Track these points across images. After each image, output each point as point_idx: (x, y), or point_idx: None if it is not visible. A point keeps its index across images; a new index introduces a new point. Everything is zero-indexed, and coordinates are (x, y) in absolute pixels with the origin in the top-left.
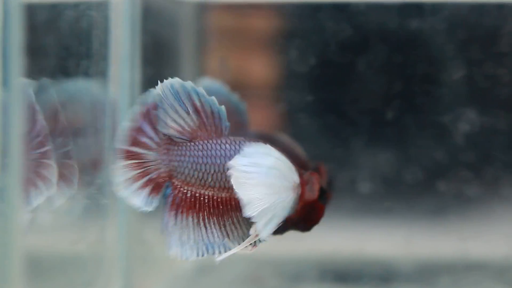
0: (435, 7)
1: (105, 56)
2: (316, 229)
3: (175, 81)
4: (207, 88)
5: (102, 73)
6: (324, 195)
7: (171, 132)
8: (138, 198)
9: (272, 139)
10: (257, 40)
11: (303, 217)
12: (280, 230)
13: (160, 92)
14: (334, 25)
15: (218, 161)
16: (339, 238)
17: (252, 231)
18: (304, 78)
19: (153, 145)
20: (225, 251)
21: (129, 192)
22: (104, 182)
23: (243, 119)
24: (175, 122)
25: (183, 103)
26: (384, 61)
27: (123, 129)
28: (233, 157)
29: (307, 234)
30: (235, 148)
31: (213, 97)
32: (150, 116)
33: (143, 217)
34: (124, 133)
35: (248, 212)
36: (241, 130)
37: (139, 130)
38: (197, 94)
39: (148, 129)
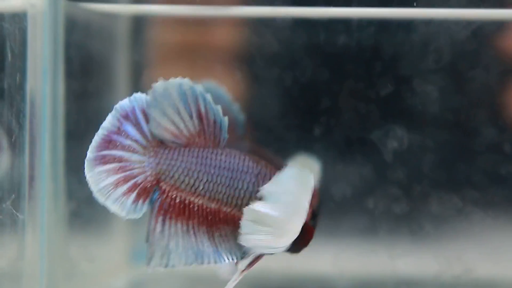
0: (362, 24)
1: (22, 69)
2: None
3: (185, 81)
4: (210, 91)
5: (18, 86)
6: (315, 218)
7: (165, 134)
8: (122, 206)
9: (264, 154)
10: (204, 56)
11: (294, 239)
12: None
13: (162, 91)
14: (259, 39)
15: (212, 171)
16: (268, 255)
17: (240, 266)
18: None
19: (138, 148)
20: (215, 262)
21: (112, 200)
22: (20, 197)
23: (240, 131)
24: (173, 125)
25: (189, 106)
26: (311, 77)
27: (99, 134)
28: (227, 169)
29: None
30: (230, 160)
31: (219, 107)
32: (132, 118)
33: (67, 232)
34: (101, 137)
35: (244, 243)
36: (236, 141)
37: (120, 132)
38: (204, 100)
39: (131, 131)
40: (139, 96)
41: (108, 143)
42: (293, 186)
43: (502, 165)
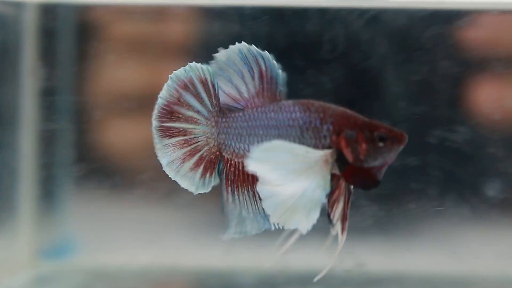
0: (256, 12)
1: None
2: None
3: (242, 45)
4: (244, 50)
5: None
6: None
7: (227, 100)
8: (191, 181)
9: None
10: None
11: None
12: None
13: (225, 60)
14: None
15: (260, 132)
16: None
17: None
18: None
19: (200, 119)
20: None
21: (181, 175)
22: None
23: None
24: (235, 89)
25: (251, 68)
26: None
27: (159, 103)
28: (274, 127)
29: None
30: (278, 117)
31: (275, 63)
32: (191, 88)
33: None
34: (161, 107)
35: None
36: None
37: (182, 103)
38: (263, 58)
39: (192, 101)
40: (194, 65)
41: (170, 114)
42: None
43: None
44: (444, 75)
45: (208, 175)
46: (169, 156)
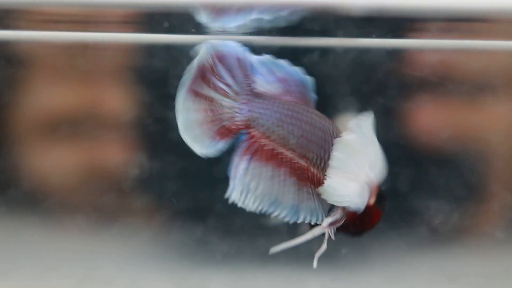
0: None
1: None
2: None
3: (265, 57)
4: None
5: None
6: (382, 200)
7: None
8: (201, 142)
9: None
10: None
11: (355, 220)
12: (340, 228)
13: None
14: None
15: (307, 127)
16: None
17: (324, 223)
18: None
19: (230, 92)
20: (286, 216)
21: (192, 136)
22: None
23: (308, 87)
24: (262, 86)
25: (274, 73)
26: None
27: (194, 66)
28: (320, 129)
29: None
30: (323, 122)
31: (297, 68)
32: (227, 62)
33: None
34: (196, 69)
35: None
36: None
37: (215, 73)
38: (278, 66)
39: (225, 75)
40: (232, 43)
41: (202, 78)
42: (374, 143)
43: None
44: None
45: (218, 139)
46: (188, 114)
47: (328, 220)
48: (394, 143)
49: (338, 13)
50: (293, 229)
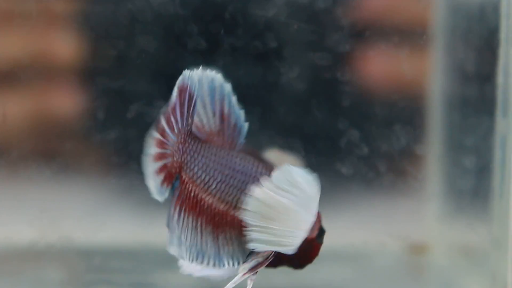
0: None
1: None
2: None
3: (217, 77)
4: (216, 83)
5: None
6: (322, 234)
7: (195, 122)
8: (154, 182)
9: (260, 156)
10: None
11: (299, 254)
12: (274, 264)
13: (197, 80)
14: None
15: (226, 172)
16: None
17: (241, 269)
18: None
19: (176, 129)
20: (214, 265)
21: (150, 171)
22: None
23: (240, 133)
24: (198, 116)
25: (215, 103)
26: None
27: (170, 102)
28: (240, 172)
29: None
30: (244, 164)
31: (242, 111)
32: (184, 96)
33: None
34: (168, 106)
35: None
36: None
37: (174, 108)
38: (230, 102)
39: (178, 110)
40: (193, 76)
41: (171, 110)
42: (305, 183)
43: None
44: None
45: (165, 185)
46: (149, 149)
47: (246, 266)
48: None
49: None
50: None
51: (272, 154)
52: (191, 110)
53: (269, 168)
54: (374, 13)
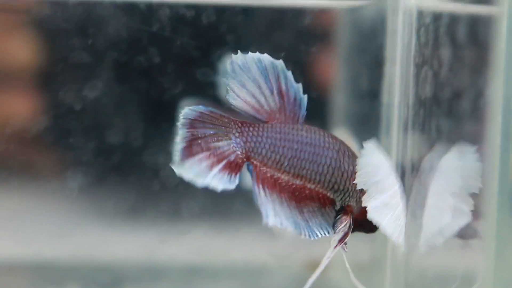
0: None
1: None
2: None
3: (265, 57)
4: (266, 62)
5: None
6: None
7: (245, 107)
8: (219, 179)
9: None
10: None
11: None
12: (353, 230)
13: (241, 64)
14: None
15: (295, 146)
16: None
17: (332, 242)
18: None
19: (221, 135)
20: (309, 235)
21: (213, 173)
22: None
23: (301, 106)
24: (254, 99)
25: (270, 81)
26: None
27: (179, 148)
28: (309, 145)
29: None
30: (312, 136)
31: (300, 85)
32: (201, 118)
33: None
34: (183, 146)
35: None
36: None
37: (199, 135)
38: (286, 77)
39: (207, 129)
40: (185, 112)
41: (190, 148)
42: (384, 166)
43: None
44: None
45: (233, 175)
46: (195, 169)
47: (336, 238)
48: None
49: None
50: None
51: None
52: (224, 114)
53: (334, 138)
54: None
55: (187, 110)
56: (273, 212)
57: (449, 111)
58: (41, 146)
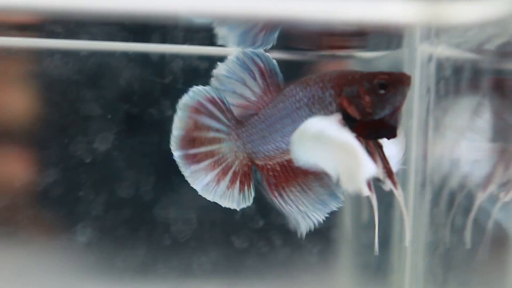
0: None
1: None
2: None
3: (237, 52)
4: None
5: None
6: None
7: (240, 111)
8: (232, 198)
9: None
10: None
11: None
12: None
13: (225, 72)
14: None
15: (278, 127)
16: None
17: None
18: None
19: (223, 136)
20: (338, 205)
21: (219, 195)
22: None
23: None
24: (242, 98)
25: (251, 70)
26: None
27: (176, 135)
28: (286, 117)
29: None
30: (285, 106)
31: (267, 54)
32: (203, 110)
33: None
34: (180, 137)
35: None
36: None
37: (200, 127)
38: (258, 55)
39: (210, 122)
40: (197, 89)
41: (192, 141)
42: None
43: None
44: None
45: (246, 188)
46: (202, 181)
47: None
48: None
49: None
50: None
51: None
52: (225, 108)
53: (306, 86)
54: None
55: (188, 98)
56: (301, 216)
57: None
58: (50, 200)
